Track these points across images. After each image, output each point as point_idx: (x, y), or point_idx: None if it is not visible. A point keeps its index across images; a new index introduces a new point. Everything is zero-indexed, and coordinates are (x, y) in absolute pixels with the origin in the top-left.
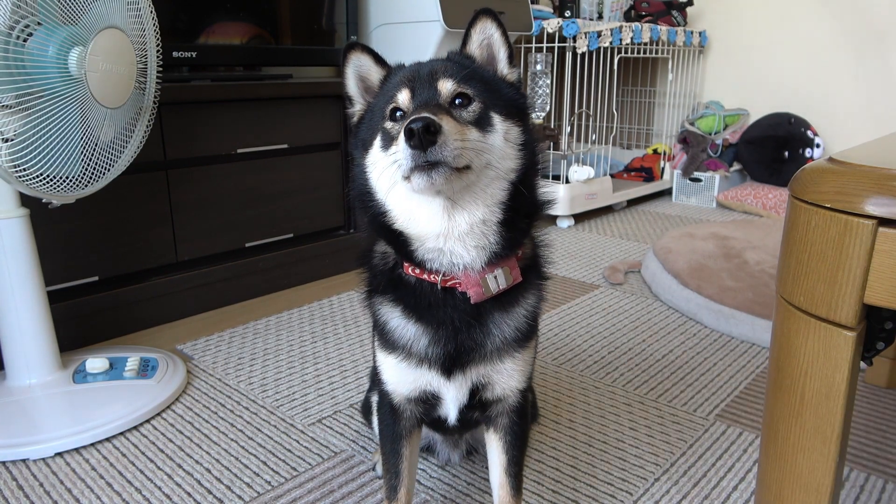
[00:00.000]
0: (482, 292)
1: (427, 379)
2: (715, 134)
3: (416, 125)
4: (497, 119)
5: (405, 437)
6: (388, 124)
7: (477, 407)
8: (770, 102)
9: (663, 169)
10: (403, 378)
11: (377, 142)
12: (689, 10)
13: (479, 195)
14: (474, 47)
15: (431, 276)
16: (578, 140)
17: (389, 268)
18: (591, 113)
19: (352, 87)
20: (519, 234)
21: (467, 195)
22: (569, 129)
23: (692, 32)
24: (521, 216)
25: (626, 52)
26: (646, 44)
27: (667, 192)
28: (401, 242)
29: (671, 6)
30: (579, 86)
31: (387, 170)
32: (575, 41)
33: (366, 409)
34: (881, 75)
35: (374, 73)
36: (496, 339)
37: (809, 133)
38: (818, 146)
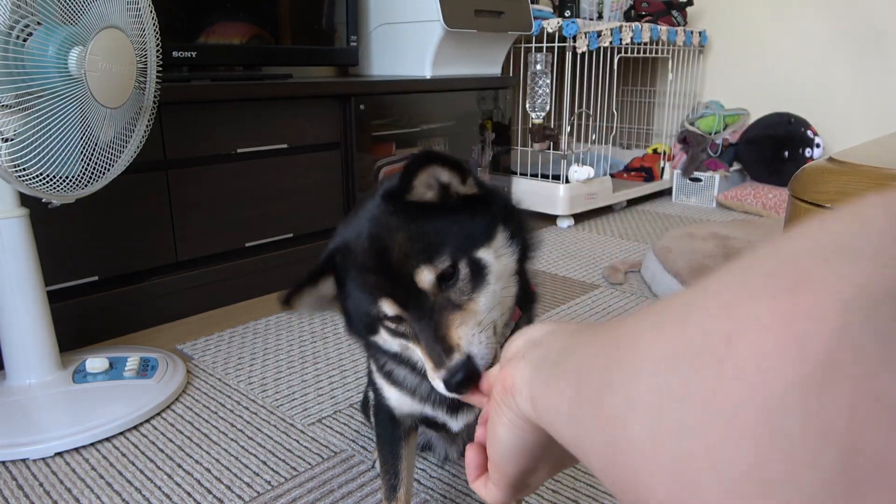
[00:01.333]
0: None
1: (431, 412)
2: (715, 134)
3: (459, 384)
4: (486, 256)
5: (403, 439)
6: (391, 325)
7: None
8: (770, 102)
9: (663, 169)
10: (405, 403)
11: (382, 334)
12: (689, 10)
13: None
14: (421, 190)
15: None
16: (578, 140)
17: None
18: (591, 113)
19: (317, 311)
20: (518, 294)
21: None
22: (569, 129)
23: (692, 32)
24: (525, 280)
25: (626, 52)
26: (646, 44)
27: (667, 192)
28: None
29: (671, 6)
30: (579, 86)
31: (409, 350)
32: (575, 41)
33: (365, 406)
34: (881, 75)
35: (325, 286)
36: None
37: (809, 133)
38: (818, 146)
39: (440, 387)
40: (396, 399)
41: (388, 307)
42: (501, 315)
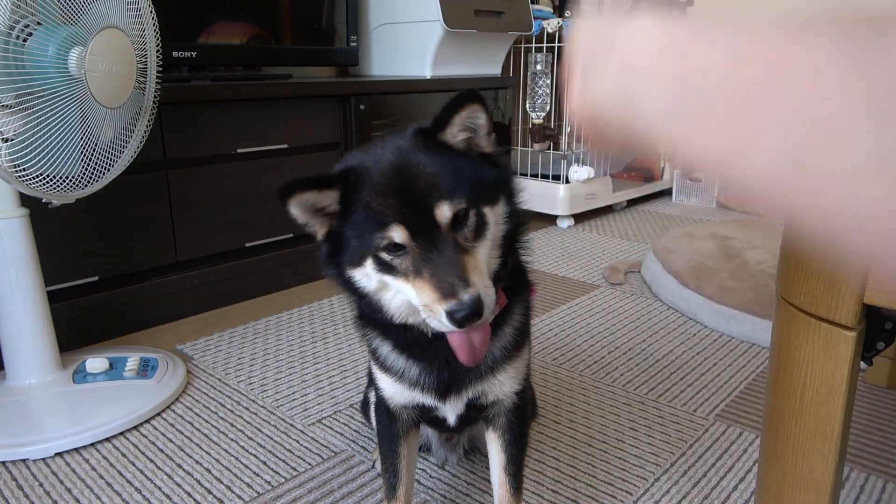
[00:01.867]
0: None
1: (422, 399)
2: None
3: (467, 317)
4: (488, 213)
5: (402, 436)
6: (385, 256)
7: (474, 409)
8: None
9: (663, 169)
10: (399, 393)
11: (370, 264)
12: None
13: None
14: (455, 130)
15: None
16: (578, 140)
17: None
18: None
19: (302, 218)
20: (503, 272)
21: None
22: (569, 129)
23: None
24: (504, 263)
25: None
26: None
27: (667, 192)
28: (387, 318)
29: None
30: None
31: (387, 291)
32: None
33: (364, 407)
34: None
35: (327, 198)
36: (487, 360)
37: None
38: None
39: (441, 317)
40: (389, 388)
41: (398, 233)
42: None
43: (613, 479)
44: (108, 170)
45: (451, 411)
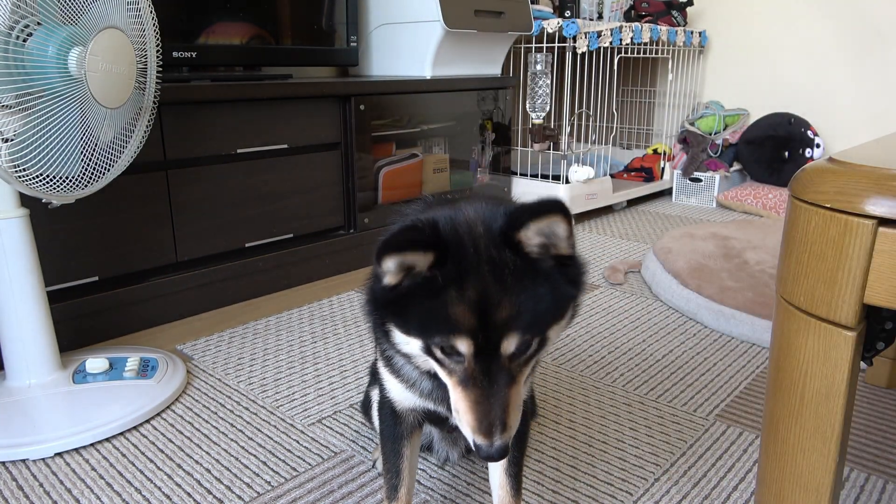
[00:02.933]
0: None
1: (432, 407)
2: (715, 134)
3: (486, 454)
4: (552, 335)
5: (406, 437)
6: (438, 353)
7: None
8: (770, 102)
9: (663, 169)
10: (407, 398)
11: (418, 343)
12: (689, 10)
13: None
14: (531, 233)
15: None
16: (578, 140)
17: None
18: (591, 113)
19: (390, 277)
20: None
21: None
22: (569, 129)
23: (692, 32)
24: None
25: (626, 52)
26: (646, 44)
27: (667, 192)
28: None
29: (671, 6)
30: (579, 86)
31: (425, 364)
32: (575, 41)
33: (366, 406)
34: (881, 75)
35: (421, 261)
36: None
37: (809, 133)
38: (818, 146)
39: (477, 446)
40: (398, 392)
41: (463, 346)
42: None
43: (613, 479)
44: (108, 170)
45: None
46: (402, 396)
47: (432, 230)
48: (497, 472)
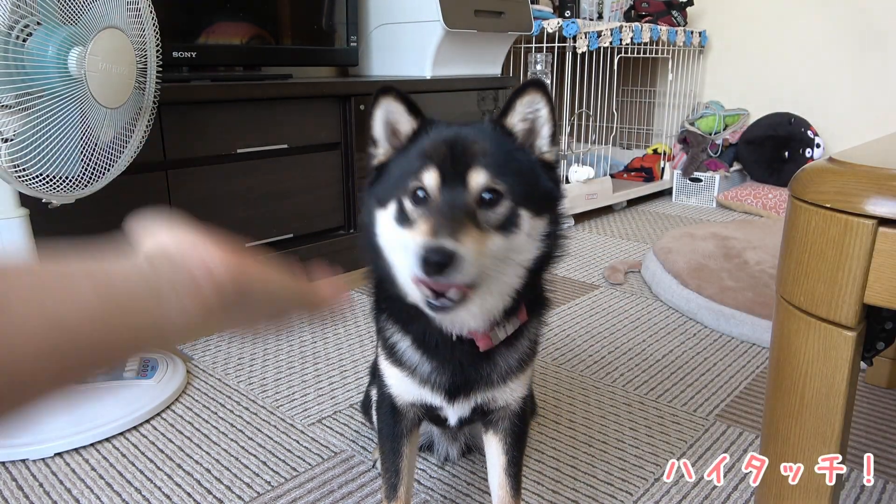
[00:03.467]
0: (491, 342)
1: (430, 398)
2: (715, 134)
3: (432, 257)
4: (525, 217)
5: (405, 435)
6: (408, 203)
7: (478, 413)
8: (770, 102)
9: (663, 169)
10: (407, 389)
11: (392, 209)
12: (689, 10)
13: (492, 286)
14: (516, 119)
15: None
16: (578, 140)
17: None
18: (591, 113)
19: (378, 130)
20: (530, 294)
21: (481, 285)
22: (569, 129)
23: (692, 32)
24: (532, 284)
25: (626, 52)
26: (646, 44)
27: (667, 192)
28: (408, 304)
29: (671, 6)
30: (579, 86)
31: (398, 248)
32: (575, 41)
33: (366, 405)
34: (881, 75)
35: (405, 123)
36: (501, 370)
37: (809, 133)
38: (818, 146)
39: (412, 253)
40: (398, 382)
41: (429, 177)
42: (491, 277)
43: (613, 479)
44: (108, 170)
45: (455, 413)
46: (402, 387)
47: (418, 108)
48: (496, 471)
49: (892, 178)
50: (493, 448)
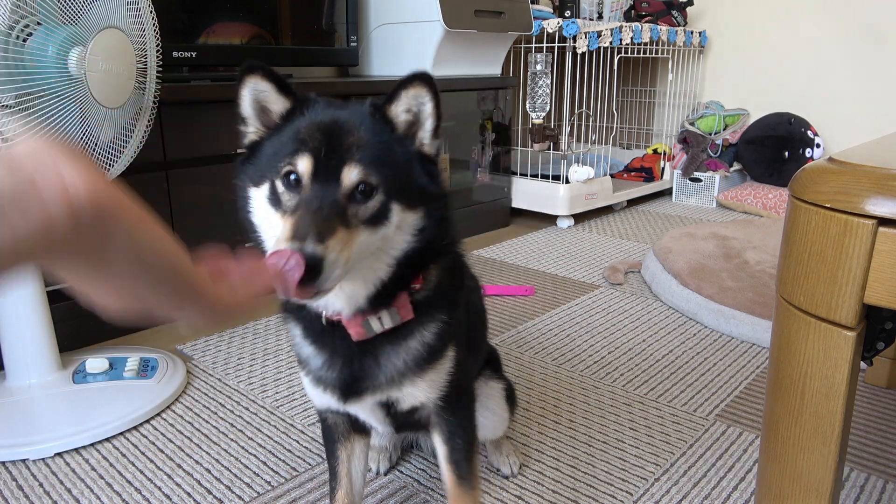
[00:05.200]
0: (364, 332)
1: (328, 399)
2: (715, 134)
3: (292, 259)
4: (396, 211)
5: (339, 441)
6: (280, 186)
7: (399, 416)
8: (770, 102)
9: (663, 169)
10: (313, 393)
11: (265, 189)
12: (689, 10)
13: (357, 273)
14: (400, 109)
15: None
16: (578, 140)
17: None
18: (591, 113)
19: (246, 108)
20: (405, 282)
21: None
22: (569, 129)
23: (692, 32)
24: (412, 269)
25: (626, 52)
26: (646, 44)
27: (667, 192)
28: None
29: (671, 6)
30: (579, 86)
31: (270, 229)
32: (575, 41)
33: None
34: (881, 75)
35: (276, 102)
36: (388, 371)
37: (809, 133)
38: (818, 146)
39: (280, 248)
40: (309, 390)
41: (302, 164)
42: (351, 268)
43: (613, 479)
44: (108, 170)
45: (367, 417)
46: (310, 390)
47: (290, 86)
48: (442, 463)
49: (892, 178)
50: (436, 443)
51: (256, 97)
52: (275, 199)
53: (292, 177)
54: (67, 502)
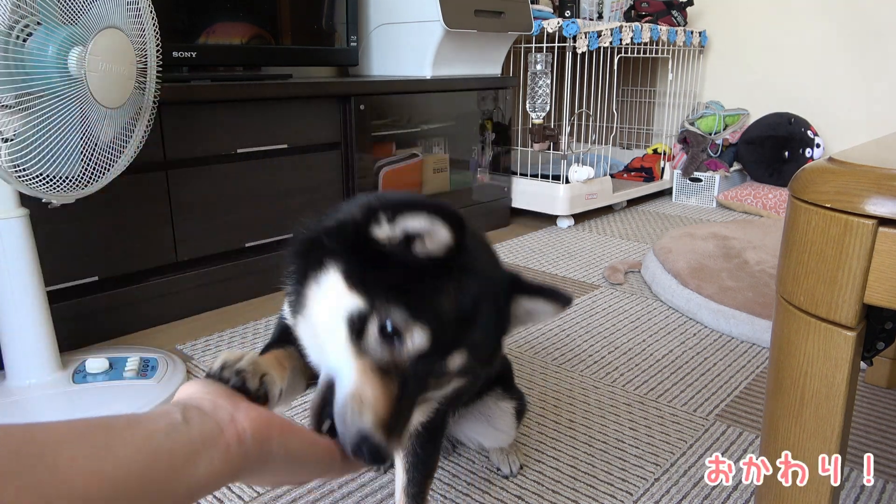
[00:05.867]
0: None
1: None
2: (715, 134)
3: (363, 451)
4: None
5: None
6: (373, 331)
7: None
8: (770, 102)
9: (663, 169)
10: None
11: (359, 300)
12: (689, 10)
13: None
14: (522, 308)
15: None
16: (578, 140)
17: None
18: (591, 113)
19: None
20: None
21: None
22: (569, 129)
23: (692, 32)
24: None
25: (626, 52)
26: (646, 44)
27: (667, 192)
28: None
29: (671, 6)
30: (579, 86)
31: (332, 353)
32: (575, 41)
33: None
34: (881, 75)
35: (442, 235)
36: None
37: (809, 133)
38: (818, 146)
39: (364, 436)
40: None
41: (419, 334)
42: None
43: (613, 479)
44: (108, 170)
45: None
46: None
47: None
48: (398, 491)
49: (892, 178)
50: (398, 466)
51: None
52: (360, 330)
53: (380, 331)
54: None
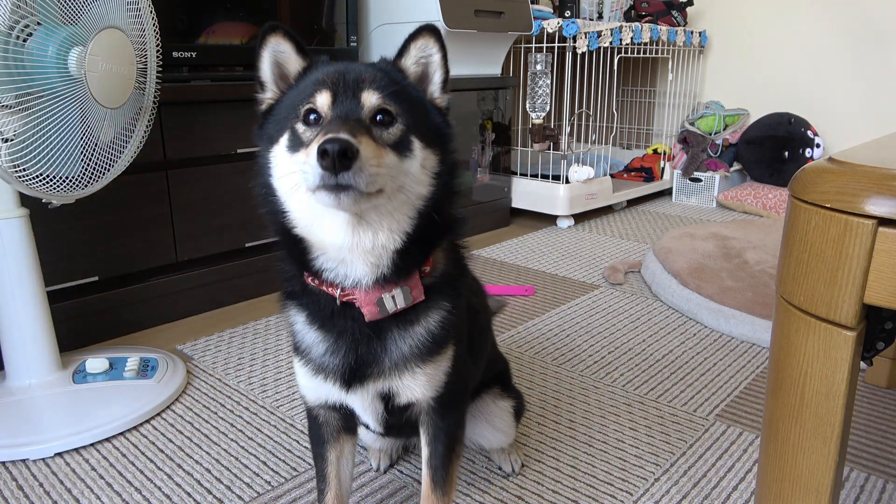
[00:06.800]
0: (377, 312)
1: (327, 389)
2: (715, 134)
3: (331, 147)
4: (417, 145)
5: (329, 441)
6: (300, 127)
7: (395, 413)
8: (770, 102)
9: (663, 169)
10: (308, 384)
11: (284, 140)
12: (689, 10)
13: (385, 216)
14: (410, 62)
15: (330, 289)
16: (578, 140)
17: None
18: (591, 113)
19: (266, 71)
20: (421, 255)
21: (374, 213)
22: (569, 129)
23: (692, 32)
24: (426, 240)
25: (626, 52)
26: (646, 44)
27: (667, 192)
28: (300, 249)
29: (671, 6)
30: (579, 86)
31: (291, 175)
32: (575, 41)
33: None
34: (881, 75)
35: (293, 63)
36: (394, 356)
37: (809, 133)
38: (818, 146)
39: (312, 158)
40: (303, 379)
41: (322, 98)
42: (387, 197)
43: (613, 479)
44: (108, 170)
45: (364, 411)
46: (305, 382)
47: (306, 47)
48: (423, 465)
49: (892, 178)
50: (422, 442)
51: (276, 58)
52: (295, 142)
53: (312, 116)
54: (67, 502)
